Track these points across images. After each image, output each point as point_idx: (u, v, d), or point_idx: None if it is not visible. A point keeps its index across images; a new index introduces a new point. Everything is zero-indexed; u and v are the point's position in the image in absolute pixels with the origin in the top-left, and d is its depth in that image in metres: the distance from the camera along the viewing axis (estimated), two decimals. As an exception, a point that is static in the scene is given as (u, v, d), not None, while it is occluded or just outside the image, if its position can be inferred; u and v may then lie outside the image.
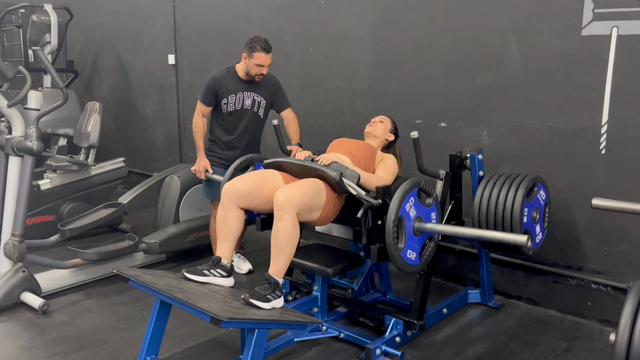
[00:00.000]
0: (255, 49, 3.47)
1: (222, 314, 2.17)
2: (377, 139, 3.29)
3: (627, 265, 3.14)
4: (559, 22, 3.20)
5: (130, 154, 6.23)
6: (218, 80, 3.63)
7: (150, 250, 4.04)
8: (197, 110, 3.72)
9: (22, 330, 3.17)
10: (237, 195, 2.74)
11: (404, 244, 2.67)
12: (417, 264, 2.77)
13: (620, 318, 1.84)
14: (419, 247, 2.78)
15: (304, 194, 2.63)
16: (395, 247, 2.63)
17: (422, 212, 2.78)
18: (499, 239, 2.58)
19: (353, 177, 2.84)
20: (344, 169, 2.87)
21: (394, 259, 2.65)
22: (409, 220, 2.70)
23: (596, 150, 3.15)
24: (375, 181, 2.91)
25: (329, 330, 3.02)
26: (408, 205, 2.69)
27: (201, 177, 3.75)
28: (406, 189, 2.68)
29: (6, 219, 3.48)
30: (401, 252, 2.66)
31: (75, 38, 6.78)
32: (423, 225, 2.74)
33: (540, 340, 3.08)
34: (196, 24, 5.46)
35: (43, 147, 3.48)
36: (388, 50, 4.00)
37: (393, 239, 2.61)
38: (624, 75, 3.02)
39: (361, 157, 3.09)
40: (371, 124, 3.33)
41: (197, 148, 3.76)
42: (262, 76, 3.59)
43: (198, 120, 3.73)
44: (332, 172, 2.75)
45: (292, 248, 2.61)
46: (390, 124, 3.36)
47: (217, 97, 3.64)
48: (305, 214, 2.66)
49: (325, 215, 2.81)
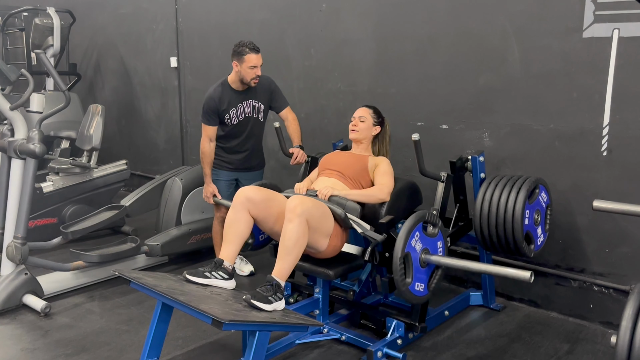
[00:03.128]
0: (244, 52, 3.45)
1: (224, 316, 2.18)
2: (364, 141, 3.27)
3: (629, 267, 3.14)
4: (560, 24, 3.20)
5: (133, 157, 6.25)
6: (216, 99, 3.58)
7: (152, 252, 4.05)
8: (204, 135, 3.66)
9: (25, 333, 3.18)
10: (250, 201, 2.77)
11: (411, 279, 2.69)
12: (425, 294, 2.79)
13: (621, 320, 1.84)
14: (426, 278, 2.79)
15: (316, 206, 2.70)
16: (403, 282, 2.65)
17: (428, 243, 2.79)
18: (502, 274, 2.57)
19: (355, 210, 2.91)
20: (345, 202, 2.92)
21: (403, 294, 2.69)
22: (415, 255, 2.71)
23: (597, 152, 3.15)
24: (378, 193, 2.99)
25: (331, 333, 3.02)
26: (414, 240, 2.70)
27: (210, 203, 3.77)
28: (411, 225, 2.69)
29: (9, 222, 3.49)
30: (409, 287, 2.68)
31: (78, 41, 6.79)
32: (429, 258, 2.75)
33: (542, 342, 3.08)
34: (198, 26, 5.47)
35: (45, 149, 3.49)
36: (389, 52, 4.00)
37: (400, 275, 2.63)
38: (625, 77, 3.01)
39: (353, 175, 3.11)
40: (352, 127, 3.25)
41: (204, 174, 3.73)
42: (258, 79, 3.55)
43: (205, 146, 3.66)
44: (337, 209, 2.83)
45: (298, 252, 2.62)
46: (371, 116, 3.26)
47: (219, 115, 3.62)
48: (313, 233, 2.68)
49: (333, 247, 2.87)
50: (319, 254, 2.89)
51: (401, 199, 3.12)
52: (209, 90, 3.65)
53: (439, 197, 3.08)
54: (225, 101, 3.61)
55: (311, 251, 2.85)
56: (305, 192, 3.02)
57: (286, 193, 3.05)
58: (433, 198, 3.11)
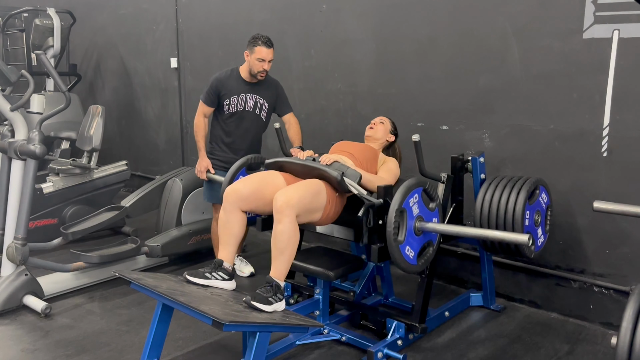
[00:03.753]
0: (257, 43, 3.52)
1: (224, 317, 2.18)
2: (378, 141, 3.29)
3: (629, 267, 3.14)
4: (561, 25, 3.20)
5: (133, 157, 6.25)
6: (221, 81, 3.65)
7: (152, 253, 4.05)
8: (199, 110, 3.74)
9: (25, 333, 3.18)
10: (239, 199, 2.74)
11: (403, 238, 2.65)
12: (414, 264, 2.75)
13: (621, 321, 1.84)
14: (418, 247, 2.77)
15: (303, 196, 2.63)
16: (395, 238, 2.61)
17: (424, 213, 2.78)
18: (499, 238, 2.57)
19: (354, 176, 2.84)
20: (346, 169, 2.87)
21: (392, 251, 2.62)
22: (411, 215, 2.69)
23: (598, 153, 3.15)
24: (377, 181, 2.91)
25: (331, 334, 3.02)
26: (412, 200, 2.68)
27: (202, 177, 3.75)
28: (412, 184, 2.69)
29: (9, 222, 3.49)
30: (400, 246, 2.64)
31: (78, 42, 6.80)
32: (424, 225, 2.74)
33: (543, 343, 3.08)
34: (198, 27, 5.47)
35: (46, 150, 3.49)
36: (390, 53, 4.00)
37: (394, 229, 2.59)
38: (626, 78, 3.02)
39: (363, 159, 3.09)
40: (371, 126, 3.32)
41: (198, 148, 3.77)
42: (265, 73, 3.60)
43: (199, 120, 3.74)
44: (334, 172, 2.76)
45: (292, 250, 2.61)
46: (390, 124, 3.36)
47: (219, 97, 3.66)
48: (305, 215, 2.67)
49: (327, 216, 2.81)
50: (316, 224, 2.88)
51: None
52: (218, 72, 3.72)
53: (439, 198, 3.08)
54: (229, 86, 3.64)
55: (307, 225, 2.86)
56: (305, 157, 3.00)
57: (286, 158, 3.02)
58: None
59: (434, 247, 2.86)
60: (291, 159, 3.02)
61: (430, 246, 2.84)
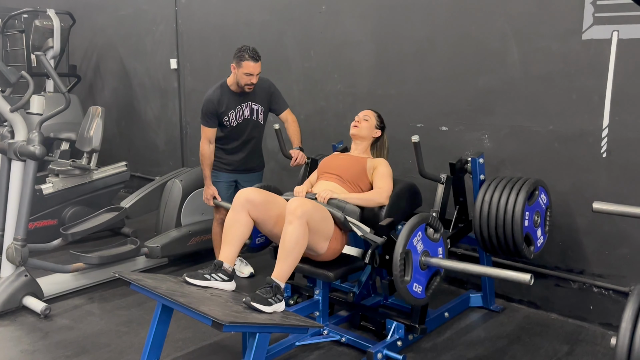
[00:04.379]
0: (244, 57, 3.45)
1: (224, 318, 2.18)
2: (364, 140, 3.28)
3: (628, 268, 3.14)
4: (560, 26, 3.20)
5: (133, 158, 6.25)
6: (215, 102, 3.60)
7: (152, 254, 4.05)
8: (203, 137, 3.68)
9: (24, 334, 3.18)
10: (250, 202, 2.78)
11: (410, 277, 2.68)
12: (423, 297, 2.78)
13: (621, 322, 1.84)
14: (425, 280, 2.79)
15: (316, 209, 2.70)
16: (402, 279, 2.65)
17: (429, 246, 2.79)
18: (502, 277, 2.56)
19: (354, 213, 2.93)
20: (344, 205, 2.93)
21: (400, 292, 2.68)
22: (416, 254, 2.71)
23: (597, 154, 3.16)
24: (377, 196, 3.00)
25: (331, 334, 3.02)
26: (415, 239, 2.70)
27: (210, 205, 3.78)
28: (414, 223, 2.70)
29: (9, 223, 3.49)
30: (407, 285, 2.67)
31: (77, 43, 6.80)
32: (429, 260, 2.75)
33: (542, 343, 3.08)
34: (198, 28, 5.48)
35: (45, 151, 3.49)
36: (389, 54, 4.01)
37: (400, 272, 2.62)
38: (625, 79, 3.02)
39: (352, 177, 3.11)
40: (355, 124, 3.29)
41: (204, 177, 3.75)
42: (252, 86, 3.56)
43: (205, 148, 3.68)
44: (337, 212, 2.83)
45: (298, 254, 2.62)
46: (375, 119, 3.31)
47: (218, 117, 3.64)
48: (313, 235, 2.68)
49: (333, 250, 2.88)
50: (318, 257, 2.90)
51: (401, 200, 3.13)
52: (207, 92, 3.66)
53: (439, 199, 3.08)
54: (224, 103, 3.61)
55: (311, 254, 2.86)
56: (304, 195, 3.03)
57: (286, 196, 3.05)
58: (433, 200, 3.11)
59: (441, 276, 2.88)
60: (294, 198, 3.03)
61: (437, 275, 2.86)
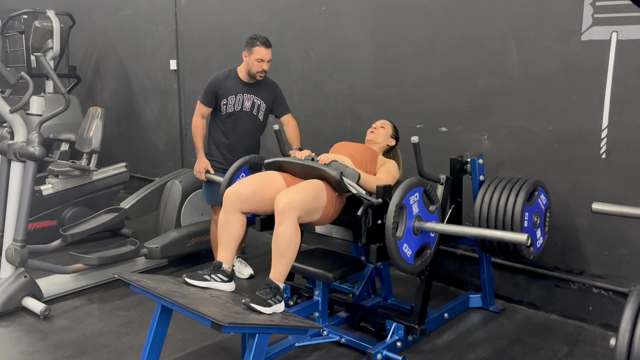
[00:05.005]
0: (255, 44, 3.53)
1: (223, 318, 2.18)
2: (379, 145, 3.30)
3: (628, 269, 3.14)
4: (559, 26, 3.20)
5: (132, 159, 6.25)
6: (218, 81, 3.66)
7: (151, 255, 4.05)
8: (197, 110, 3.76)
9: (24, 335, 3.17)
10: (239, 200, 2.75)
11: (402, 234, 2.64)
12: (411, 263, 2.73)
13: (620, 322, 1.84)
14: (415, 246, 2.75)
15: (304, 198, 2.64)
16: (394, 233, 2.60)
17: (424, 214, 2.78)
18: (498, 237, 2.56)
19: (353, 176, 2.85)
20: (344, 168, 2.87)
21: (390, 247, 2.60)
22: (410, 214, 2.69)
23: (596, 155, 3.16)
24: (376, 182, 2.93)
25: (330, 335, 3.02)
26: (412, 198, 2.68)
27: (201, 178, 3.76)
28: (413, 182, 2.69)
29: (8, 224, 3.49)
30: (398, 242, 2.62)
31: (77, 44, 6.80)
32: (423, 225, 2.73)
33: (542, 344, 3.08)
34: (198, 29, 5.48)
35: (45, 152, 3.49)
36: (389, 55, 4.01)
37: (393, 224, 2.58)
38: (624, 80, 3.02)
39: (362, 159, 3.10)
40: (372, 130, 3.33)
41: (196, 149, 3.78)
42: (264, 73, 3.61)
43: (197, 120, 3.76)
44: (333, 172, 2.77)
45: (293, 253, 2.61)
46: (391, 128, 3.37)
47: (216, 97, 3.67)
48: (306, 216, 2.68)
49: (326, 216, 2.82)
50: (315, 224, 2.88)
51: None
52: (216, 72, 3.72)
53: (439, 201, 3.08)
54: (227, 86, 3.66)
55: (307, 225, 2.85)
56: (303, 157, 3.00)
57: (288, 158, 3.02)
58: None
59: (432, 250, 2.85)
60: (290, 158, 3.02)
61: (428, 248, 2.83)
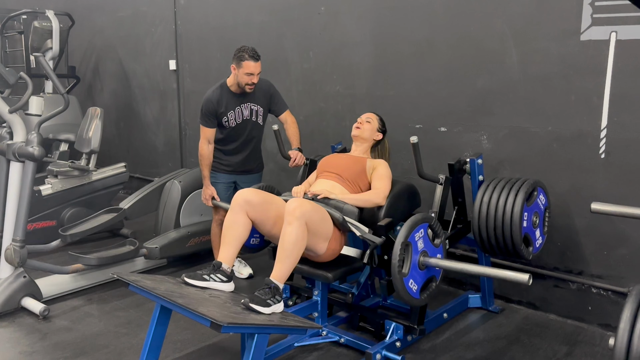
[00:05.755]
0: (244, 57, 3.45)
1: (222, 318, 2.18)
2: (365, 142, 3.30)
3: (627, 269, 3.14)
4: (558, 27, 3.21)
5: (132, 159, 6.25)
6: (214, 102, 3.60)
7: (151, 255, 4.05)
8: (202, 137, 3.67)
9: (23, 336, 3.17)
10: (248, 203, 2.78)
11: (408, 270, 2.66)
12: (417, 297, 2.75)
13: (619, 322, 1.84)
14: (421, 281, 2.77)
15: (315, 210, 2.70)
16: (400, 270, 2.63)
17: (429, 248, 2.78)
18: (501, 277, 2.56)
19: (353, 213, 2.92)
20: (342, 206, 2.93)
21: (396, 283, 2.63)
22: (415, 250, 2.70)
23: (596, 155, 3.16)
24: (374, 197, 3.01)
25: (329, 335, 3.02)
26: (417, 235, 2.70)
27: (208, 205, 3.78)
28: (418, 219, 2.70)
29: (7, 225, 3.49)
30: (404, 279, 2.65)
31: (77, 44, 6.80)
32: (428, 260, 2.73)
33: (541, 344, 3.08)
34: (197, 29, 5.48)
35: (44, 152, 3.49)
36: (388, 55, 4.01)
37: (399, 262, 2.60)
38: (623, 80, 3.02)
39: (351, 176, 3.12)
40: (358, 125, 3.31)
41: (203, 177, 3.75)
42: (253, 86, 3.56)
43: (203, 148, 3.68)
44: (335, 213, 2.83)
45: (297, 255, 2.62)
46: (378, 122, 3.34)
47: (217, 117, 3.64)
48: (312, 236, 2.68)
49: (332, 252, 2.88)
50: (317, 258, 2.90)
51: (399, 201, 3.13)
52: (207, 92, 3.66)
53: (437, 200, 3.09)
54: (224, 104, 3.61)
55: (310, 254, 2.86)
56: (303, 196, 3.03)
57: (284, 196, 3.05)
58: (431, 200, 3.12)
59: (437, 282, 2.86)
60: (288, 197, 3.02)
61: (433, 281, 2.83)
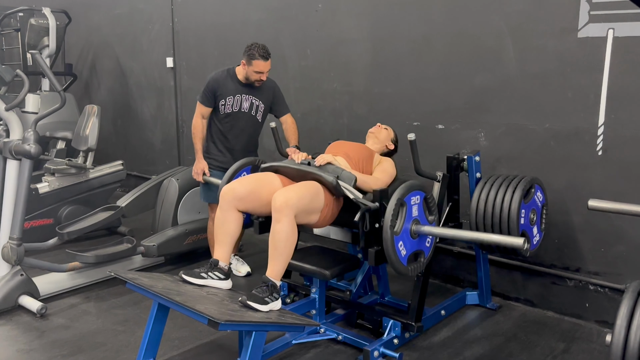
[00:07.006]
0: (254, 56, 3.47)
1: (220, 316, 2.18)
2: (379, 143, 3.31)
3: (624, 266, 3.15)
4: (555, 24, 3.21)
5: (129, 157, 6.23)
6: (217, 81, 3.65)
7: (148, 253, 4.04)
8: (197, 111, 3.74)
9: (20, 334, 3.17)
10: (236, 198, 2.74)
11: (400, 229, 2.62)
12: (404, 264, 2.70)
13: (616, 319, 1.84)
14: (410, 249, 2.73)
15: (302, 197, 2.63)
16: (392, 225, 2.58)
17: (422, 219, 2.77)
18: (495, 241, 2.57)
19: (349, 179, 2.83)
20: (340, 172, 2.86)
21: (386, 241, 2.58)
22: (410, 213, 2.68)
23: (593, 152, 3.16)
24: (373, 182, 2.92)
25: (327, 333, 3.03)
26: (413, 199, 2.68)
27: (199, 180, 3.76)
28: (416, 184, 2.70)
29: (4, 222, 3.48)
30: (395, 237, 2.60)
31: (73, 41, 6.78)
32: (420, 228, 2.72)
33: (538, 341, 3.08)
34: (194, 27, 5.47)
35: (41, 150, 3.48)
36: (385, 52, 4.01)
37: (392, 219, 2.57)
38: (620, 77, 3.03)
39: (358, 158, 3.09)
40: (373, 130, 3.36)
41: (195, 150, 3.77)
42: (262, 82, 3.62)
43: (197, 121, 3.74)
44: (329, 177, 2.76)
45: (290, 251, 2.61)
46: (394, 134, 3.41)
47: (215, 97, 3.66)
48: (303, 216, 2.67)
49: (324, 218, 2.81)
50: (313, 226, 2.88)
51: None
52: (215, 72, 3.70)
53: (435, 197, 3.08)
54: (225, 86, 3.64)
55: (305, 226, 2.85)
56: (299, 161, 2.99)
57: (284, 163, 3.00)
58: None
59: (425, 259, 2.83)
60: (286, 162, 3.01)
61: (422, 256, 2.81)
